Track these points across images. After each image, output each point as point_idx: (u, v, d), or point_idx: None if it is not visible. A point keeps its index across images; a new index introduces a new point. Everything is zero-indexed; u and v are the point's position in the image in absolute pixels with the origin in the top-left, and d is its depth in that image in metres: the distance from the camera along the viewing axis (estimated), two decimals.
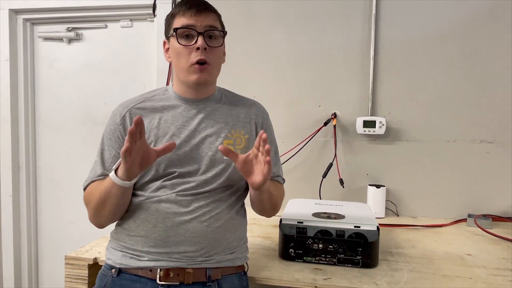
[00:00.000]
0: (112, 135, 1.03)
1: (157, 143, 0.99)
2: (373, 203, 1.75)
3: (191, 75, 0.99)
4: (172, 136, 1.00)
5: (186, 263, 0.94)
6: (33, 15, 2.22)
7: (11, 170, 2.24)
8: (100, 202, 0.94)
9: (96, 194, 0.95)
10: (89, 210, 0.99)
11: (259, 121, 1.10)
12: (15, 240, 2.28)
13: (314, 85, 1.88)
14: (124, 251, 0.97)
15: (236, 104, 1.10)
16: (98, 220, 0.98)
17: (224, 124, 1.04)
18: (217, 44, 1.01)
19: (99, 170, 1.02)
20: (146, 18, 2.12)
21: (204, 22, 0.98)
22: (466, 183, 1.77)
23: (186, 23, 0.98)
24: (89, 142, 2.24)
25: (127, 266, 0.95)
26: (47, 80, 2.29)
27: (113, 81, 2.20)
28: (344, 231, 1.16)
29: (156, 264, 0.93)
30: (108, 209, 0.94)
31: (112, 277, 0.96)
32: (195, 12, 0.98)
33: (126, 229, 0.98)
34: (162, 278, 0.93)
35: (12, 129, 2.23)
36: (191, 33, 0.98)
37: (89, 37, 2.22)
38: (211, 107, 1.06)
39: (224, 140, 1.02)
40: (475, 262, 1.22)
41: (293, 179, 1.84)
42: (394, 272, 1.12)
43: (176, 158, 0.99)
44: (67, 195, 2.29)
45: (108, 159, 1.01)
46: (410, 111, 1.80)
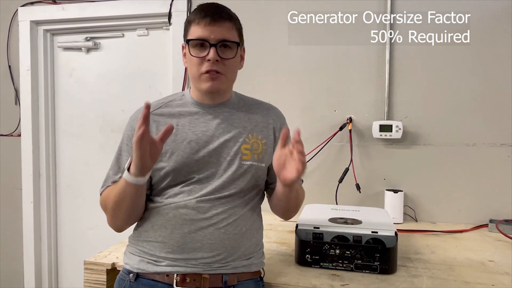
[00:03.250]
0: (129, 141, 1.03)
1: (176, 149, 0.99)
2: (391, 208, 1.72)
3: (203, 84, 0.99)
4: (190, 142, 1.00)
5: (202, 269, 0.94)
6: (53, 26, 2.28)
7: (32, 177, 2.29)
8: (116, 204, 0.95)
9: (111, 196, 0.97)
10: (106, 214, 1.01)
11: (277, 126, 1.10)
12: (35, 245, 2.32)
13: (330, 90, 1.87)
14: (142, 256, 0.98)
15: (253, 108, 1.10)
16: (116, 222, 1.00)
17: (242, 129, 1.04)
18: (231, 55, 1.00)
19: (114, 175, 1.03)
20: (162, 27, 2.15)
21: (218, 34, 0.97)
22: (487, 188, 1.72)
23: (199, 35, 0.97)
24: (106, 149, 2.28)
25: (145, 271, 0.96)
26: (67, 88, 2.34)
27: (130, 88, 2.23)
28: (361, 237, 1.14)
29: (173, 269, 0.94)
30: (124, 210, 0.95)
31: (130, 282, 0.97)
32: (209, 21, 0.96)
33: (144, 235, 0.99)
34: (179, 283, 0.93)
35: (33, 137, 2.29)
36: (204, 44, 0.97)
37: (107, 46, 2.27)
38: (228, 112, 1.06)
39: (242, 145, 1.02)
40: (498, 268, 1.19)
41: (309, 184, 1.81)
42: (413, 278, 1.10)
43: (194, 164, 0.99)
44: (86, 201, 2.33)
45: (124, 164, 1.02)
46: (428, 114, 1.77)
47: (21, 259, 2.34)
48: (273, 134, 1.09)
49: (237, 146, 1.02)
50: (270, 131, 1.08)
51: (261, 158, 1.04)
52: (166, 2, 2.04)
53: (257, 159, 1.03)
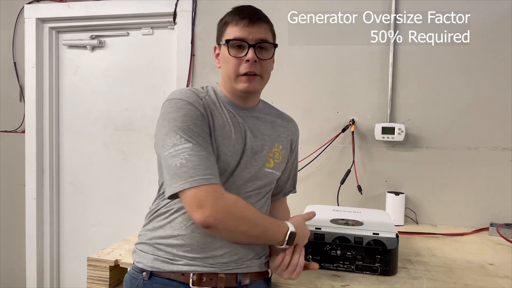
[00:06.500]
0: (202, 122, 0.95)
1: (221, 145, 0.97)
2: (392, 211, 1.73)
3: (239, 84, 1.00)
4: (230, 140, 0.99)
5: (220, 268, 0.95)
6: (58, 24, 2.29)
7: (36, 173, 2.31)
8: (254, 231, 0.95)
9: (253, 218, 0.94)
10: (234, 222, 0.92)
11: (294, 139, 1.15)
12: (38, 241, 2.34)
13: (332, 91, 1.88)
14: (156, 254, 0.97)
15: (276, 117, 1.14)
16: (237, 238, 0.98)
17: (267, 137, 1.07)
18: (268, 56, 1.02)
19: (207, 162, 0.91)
20: (166, 26, 2.16)
21: (256, 35, 0.99)
22: (488, 191, 1.73)
23: (238, 35, 0.98)
24: (110, 147, 2.29)
25: (160, 269, 0.95)
26: (71, 86, 2.35)
27: (134, 87, 2.25)
28: (363, 238, 1.15)
29: (190, 268, 0.94)
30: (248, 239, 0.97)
31: (143, 280, 0.96)
32: (248, 23, 0.98)
33: (160, 232, 0.98)
34: (195, 282, 0.93)
35: (37, 134, 2.30)
36: (243, 44, 0.99)
37: (112, 44, 2.28)
38: (255, 116, 1.07)
39: (267, 153, 1.05)
40: (498, 272, 1.19)
41: (311, 185, 1.84)
42: (413, 280, 1.11)
43: (227, 164, 0.98)
44: (89, 198, 2.34)
45: (209, 146, 0.94)
46: (430, 117, 1.78)
47: (23, 255, 2.35)
48: (290, 146, 1.14)
49: (262, 153, 1.04)
50: (288, 143, 1.13)
51: (278, 167, 1.08)
52: (171, 2, 2.05)
53: (276, 168, 1.07)
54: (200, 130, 0.93)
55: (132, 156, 2.27)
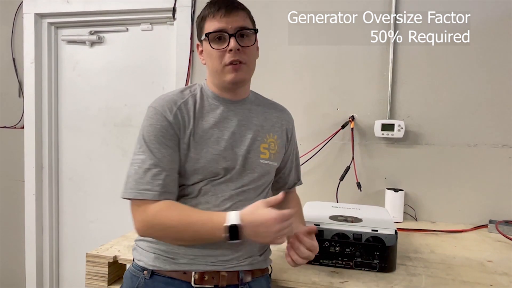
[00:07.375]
0: (165, 133, 0.96)
1: (204, 146, 0.97)
2: (391, 207, 1.73)
3: (226, 75, 0.99)
4: (218, 139, 0.98)
5: (222, 266, 0.95)
6: (57, 19, 2.28)
7: (35, 169, 2.31)
8: (187, 237, 0.94)
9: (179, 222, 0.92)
10: (160, 232, 0.95)
11: (289, 128, 1.14)
12: (37, 237, 2.34)
13: (332, 88, 1.87)
14: (157, 253, 0.96)
15: (269, 107, 1.12)
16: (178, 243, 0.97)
17: (260, 128, 1.06)
18: (250, 42, 1.00)
19: (154, 175, 0.94)
20: (166, 22, 2.15)
21: (235, 24, 0.97)
22: (487, 188, 1.73)
23: (217, 27, 0.97)
24: (108, 143, 2.29)
25: (161, 268, 0.95)
26: (70, 82, 2.35)
27: (133, 83, 2.24)
28: (362, 235, 1.15)
29: (192, 267, 0.94)
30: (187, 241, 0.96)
31: (144, 279, 0.96)
32: (224, 13, 0.97)
33: None
34: (197, 281, 0.93)
35: (36, 130, 2.30)
36: (223, 35, 0.97)
37: (111, 40, 2.27)
38: (247, 109, 1.06)
39: (261, 144, 1.04)
40: (496, 269, 1.20)
41: (310, 181, 1.84)
42: (412, 277, 1.11)
43: (222, 161, 0.97)
44: (88, 194, 2.34)
45: (163, 158, 0.94)
46: (430, 114, 1.77)
47: (22, 251, 2.35)
48: (286, 136, 1.13)
49: (256, 145, 1.03)
50: (284, 132, 1.12)
51: (275, 157, 1.07)
52: None
53: (273, 158, 1.06)
54: (160, 142, 0.95)
55: (131, 152, 2.25)
